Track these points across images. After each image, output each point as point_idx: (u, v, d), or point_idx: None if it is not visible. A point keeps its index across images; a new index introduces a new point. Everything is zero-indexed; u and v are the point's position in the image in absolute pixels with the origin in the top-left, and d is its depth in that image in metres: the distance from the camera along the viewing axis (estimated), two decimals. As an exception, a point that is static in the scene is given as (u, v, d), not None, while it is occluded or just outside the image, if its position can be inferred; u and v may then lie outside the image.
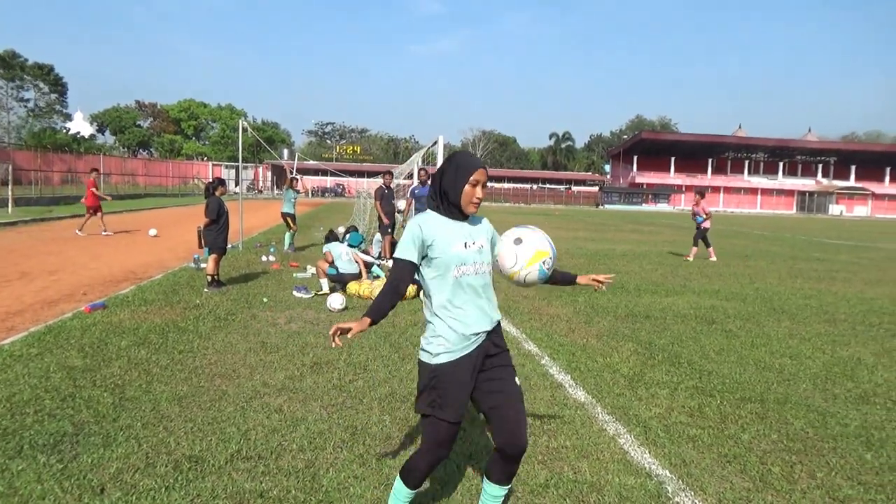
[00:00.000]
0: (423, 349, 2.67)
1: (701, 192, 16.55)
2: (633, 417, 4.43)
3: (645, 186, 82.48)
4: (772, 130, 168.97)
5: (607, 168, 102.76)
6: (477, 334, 2.64)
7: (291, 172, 30.25)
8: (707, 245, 15.89)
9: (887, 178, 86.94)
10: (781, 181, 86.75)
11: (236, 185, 50.57)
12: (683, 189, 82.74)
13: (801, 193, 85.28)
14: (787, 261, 16.32)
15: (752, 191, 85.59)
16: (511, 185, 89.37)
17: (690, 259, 15.46)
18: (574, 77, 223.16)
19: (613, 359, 5.98)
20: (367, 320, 2.57)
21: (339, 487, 3.24)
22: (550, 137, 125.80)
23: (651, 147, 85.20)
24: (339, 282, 9.17)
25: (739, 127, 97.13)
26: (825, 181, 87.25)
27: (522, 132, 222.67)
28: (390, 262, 11.46)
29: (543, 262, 2.84)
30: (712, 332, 7.30)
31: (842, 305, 9.46)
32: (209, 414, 4.23)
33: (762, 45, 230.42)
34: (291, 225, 14.79)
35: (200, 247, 9.44)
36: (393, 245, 12.08)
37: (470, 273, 2.64)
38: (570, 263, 13.74)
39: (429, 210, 2.74)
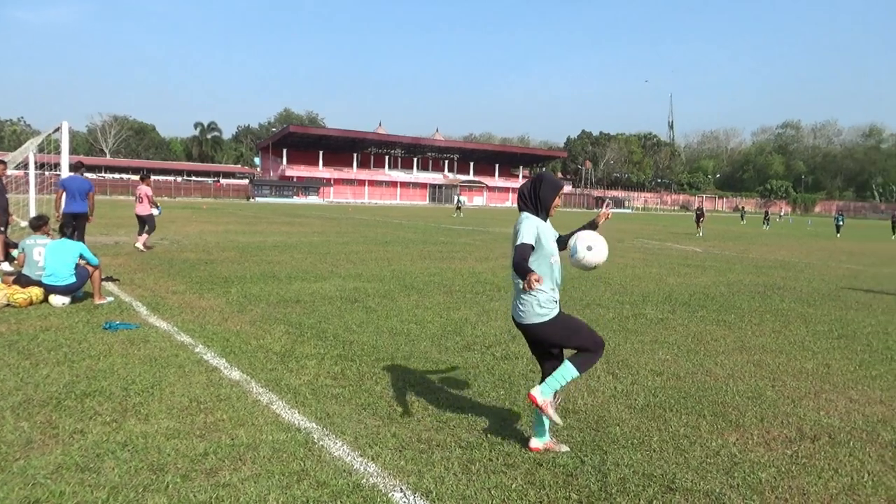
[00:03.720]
0: (538, 315, 3.69)
1: (146, 175, 15.88)
2: (285, 386, 4.93)
3: (295, 179, 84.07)
4: (407, 129, 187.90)
5: (257, 161, 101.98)
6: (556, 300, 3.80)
7: None
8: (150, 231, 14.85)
9: (497, 173, 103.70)
10: (416, 175, 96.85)
11: None
12: (332, 182, 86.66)
13: (433, 186, 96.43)
14: (418, 245, 18.68)
15: (393, 184, 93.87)
16: (152, 178, 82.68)
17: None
18: (220, 64, 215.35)
19: (266, 340, 6.40)
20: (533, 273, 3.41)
21: (-27, 497, 3.04)
22: (195, 127, 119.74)
23: (300, 141, 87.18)
24: None
25: (380, 125, 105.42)
26: (451, 175, 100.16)
27: (162, 120, 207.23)
28: (5, 266, 10.08)
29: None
30: (355, 309, 8.21)
31: (457, 279, 11.38)
32: None
33: (399, 49, 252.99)
34: None
35: None
36: (6, 245, 10.51)
37: (557, 260, 3.80)
38: (221, 256, 13.68)
39: (529, 213, 3.76)
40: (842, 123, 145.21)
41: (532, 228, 3.66)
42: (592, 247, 3.80)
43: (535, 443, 3.89)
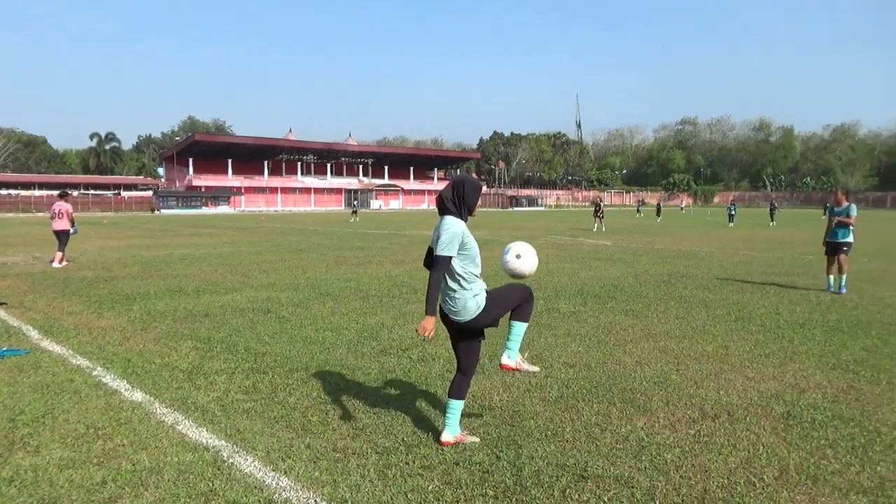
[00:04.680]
0: (477, 308, 3.79)
1: (65, 192, 15.72)
2: (192, 405, 4.71)
3: (203, 189, 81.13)
4: (319, 135, 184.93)
5: (161, 171, 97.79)
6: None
7: None
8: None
9: (412, 176, 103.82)
10: (330, 181, 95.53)
11: None
12: (243, 191, 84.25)
13: (348, 191, 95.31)
14: (334, 251, 18.41)
15: (307, 190, 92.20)
16: (44, 193, 77.65)
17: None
18: (116, 71, 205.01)
19: (172, 358, 6.11)
20: (433, 318, 3.65)
21: None
22: (92, 138, 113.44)
23: (207, 149, 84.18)
24: None
25: (290, 131, 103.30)
26: (366, 180, 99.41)
27: (54, 131, 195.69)
28: None
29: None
30: (267, 320, 7.99)
31: (374, 284, 11.29)
32: None
33: (307, 53, 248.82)
34: None
35: None
36: None
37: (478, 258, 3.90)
38: (123, 273, 12.99)
39: (453, 217, 3.80)
40: (735, 118, 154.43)
41: (457, 236, 3.71)
42: (521, 255, 3.95)
43: (447, 436, 3.93)
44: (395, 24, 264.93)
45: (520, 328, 4.09)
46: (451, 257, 3.71)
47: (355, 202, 50.74)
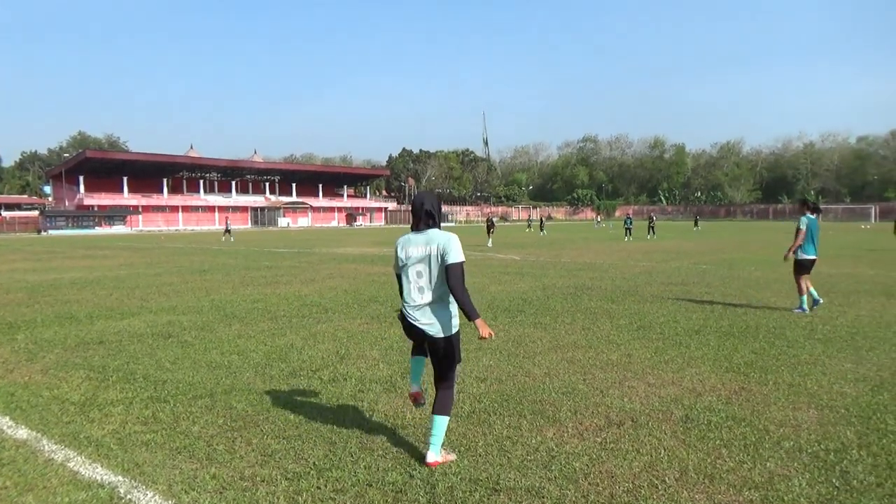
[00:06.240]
0: (454, 326, 3.91)
1: None
2: (85, 439, 4.41)
3: (96, 208, 76.68)
4: (222, 151, 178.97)
5: (48, 190, 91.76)
6: None
7: None
8: None
9: (321, 193, 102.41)
10: (236, 198, 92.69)
11: None
12: (140, 209, 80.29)
13: (255, 209, 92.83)
14: (240, 271, 17.83)
15: (210, 208, 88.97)
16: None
17: None
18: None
19: (62, 389, 5.70)
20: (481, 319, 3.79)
21: None
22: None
23: (99, 167, 79.75)
24: None
25: (191, 147, 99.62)
26: (273, 197, 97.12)
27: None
28: None
29: None
30: (168, 346, 7.61)
31: (282, 304, 11.01)
32: None
33: (207, 66, 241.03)
34: None
35: None
36: None
37: None
38: (5, 300, 12.04)
39: (438, 230, 3.93)
40: (632, 136, 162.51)
41: (460, 245, 3.83)
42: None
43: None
44: (300, 38, 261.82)
45: (443, 423, 3.96)
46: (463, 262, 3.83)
47: (228, 221, 48.88)
